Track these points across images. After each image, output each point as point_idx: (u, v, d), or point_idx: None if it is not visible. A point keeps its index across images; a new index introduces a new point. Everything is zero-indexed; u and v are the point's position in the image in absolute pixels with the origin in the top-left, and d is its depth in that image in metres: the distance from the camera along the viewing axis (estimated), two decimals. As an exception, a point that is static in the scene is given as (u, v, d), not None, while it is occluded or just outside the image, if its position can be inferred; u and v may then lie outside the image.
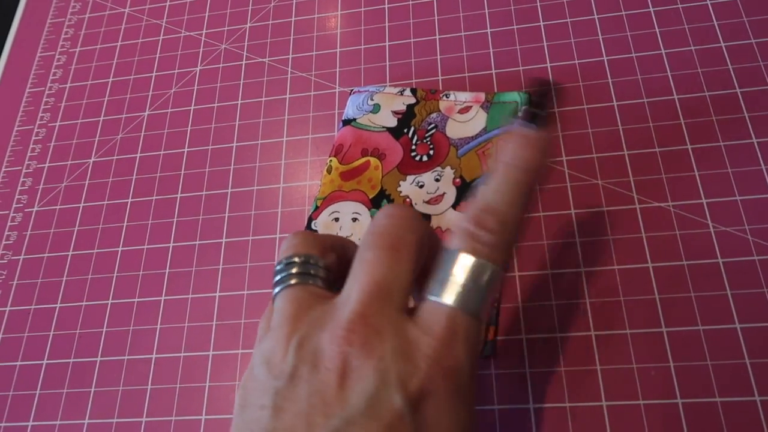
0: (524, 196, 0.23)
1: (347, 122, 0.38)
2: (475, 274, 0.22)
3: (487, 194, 0.23)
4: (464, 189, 0.34)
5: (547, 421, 0.31)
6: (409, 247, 0.23)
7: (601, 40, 0.40)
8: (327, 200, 0.36)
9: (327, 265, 0.25)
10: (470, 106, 0.36)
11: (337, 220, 0.35)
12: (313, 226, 0.35)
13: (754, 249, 0.32)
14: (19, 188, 0.44)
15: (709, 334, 0.31)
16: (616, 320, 0.32)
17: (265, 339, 0.23)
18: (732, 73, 0.37)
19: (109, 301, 0.38)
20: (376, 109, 0.38)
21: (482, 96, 0.36)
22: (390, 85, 0.41)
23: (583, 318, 0.32)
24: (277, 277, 0.24)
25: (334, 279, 0.25)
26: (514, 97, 0.35)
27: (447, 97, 0.37)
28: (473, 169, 0.34)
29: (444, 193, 0.34)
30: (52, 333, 0.38)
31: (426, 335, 0.21)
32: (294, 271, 0.24)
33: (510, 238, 0.23)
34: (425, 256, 0.23)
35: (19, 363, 0.38)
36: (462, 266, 0.22)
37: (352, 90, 0.40)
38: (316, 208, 0.36)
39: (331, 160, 0.37)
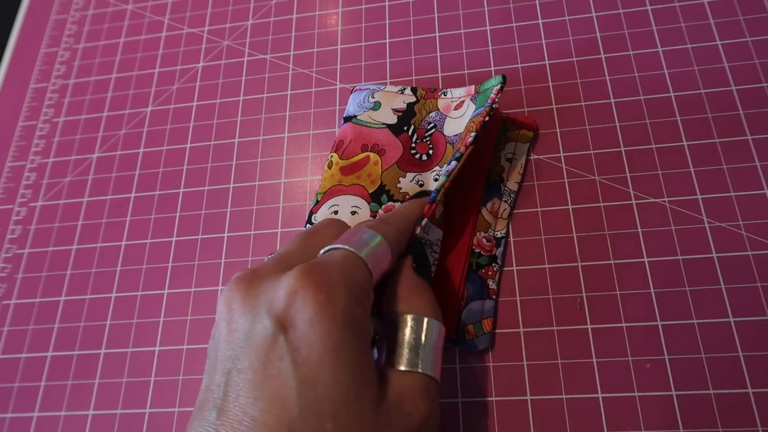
0: (403, 217, 0.30)
1: (348, 119, 0.38)
2: (370, 237, 0.26)
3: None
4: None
5: (543, 413, 0.31)
6: (320, 234, 0.28)
7: (598, 37, 0.40)
8: (327, 194, 0.36)
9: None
10: (463, 101, 0.37)
11: (336, 213, 0.35)
12: (313, 220, 0.36)
13: (748, 244, 0.33)
14: (23, 183, 0.44)
15: (703, 327, 0.32)
16: (612, 314, 0.33)
17: None
18: (728, 70, 0.37)
19: (113, 295, 0.39)
20: (376, 106, 0.38)
21: (473, 88, 0.37)
22: (391, 83, 0.41)
23: (580, 311, 0.33)
24: None
25: None
26: (493, 82, 0.35)
27: (444, 95, 0.38)
28: (449, 155, 0.35)
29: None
30: (56, 326, 0.39)
31: (296, 270, 0.23)
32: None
33: (394, 232, 0.28)
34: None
35: (24, 355, 0.38)
36: (361, 233, 0.27)
37: (353, 87, 0.40)
38: (317, 202, 0.36)
39: (331, 156, 0.37)
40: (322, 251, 0.26)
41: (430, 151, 0.36)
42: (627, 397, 0.31)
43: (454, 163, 0.32)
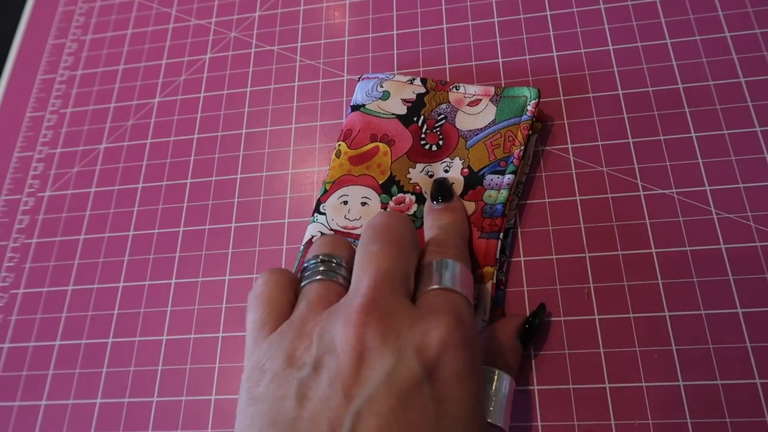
0: (458, 233, 0.31)
1: (356, 108, 0.38)
2: (452, 269, 0.27)
3: (435, 237, 0.30)
4: (472, 179, 0.34)
5: (550, 403, 0.31)
6: (409, 243, 0.27)
7: (607, 29, 0.40)
8: (336, 184, 0.36)
9: (350, 266, 0.27)
10: (480, 99, 0.36)
11: (345, 203, 0.35)
12: (321, 210, 0.36)
13: (756, 235, 0.33)
14: (31, 173, 0.45)
15: (711, 318, 0.31)
16: (620, 304, 0.33)
17: (284, 332, 0.24)
18: (736, 62, 0.37)
19: (121, 284, 0.39)
20: (385, 96, 0.38)
21: (491, 89, 0.36)
22: (399, 73, 0.41)
23: (587, 302, 0.33)
24: (307, 273, 0.27)
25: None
26: (524, 92, 0.36)
27: (456, 89, 0.37)
28: (481, 160, 0.35)
29: (452, 184, 0.34)
30: (64, 315, 0.39)
31: (434, 313, 0.23)
32: (321, 268, 0.26)
33: (463, 252, 0.29)
34: (417, 255, 0.27)
35: (32, 344, 0.39)
36: (442, 267, 0.27)
37: (361, 76, 0.40)
38: (325, 191, 0.36)
39: (339, 145, 0.37)
40: (434, 285, 0.26)
41: (440, 142, 0.36)
42: (634, 387, 0.31)
43: (510, 176, 0.34)
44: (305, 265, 0.27)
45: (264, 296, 0.26)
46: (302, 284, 0.27)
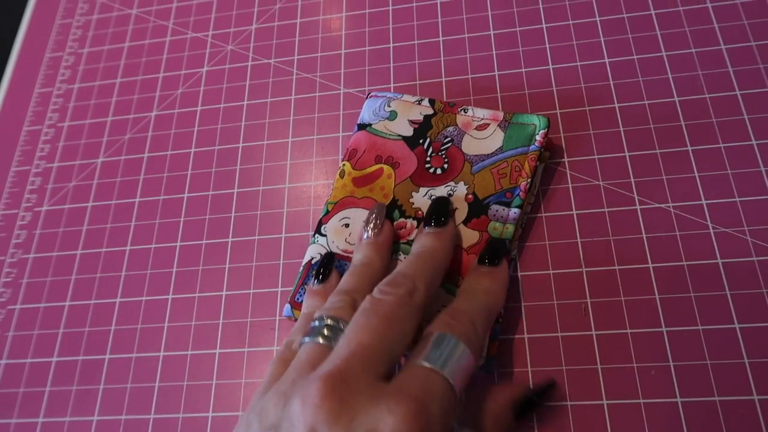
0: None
1: (362, 127, 0.38)
2: (450, 348, 0.25)
3: (459, 302, 0.28)
4: (476, 206, 0.34)
5: (548, 419, 0.31)
6: (403, 322, 0.26)
7: (602, 42, 0.40)
8: (338, 205, 0.36)
9: None
10: (488, 124, 0.36)
11: (347, 226, 0.35)
12: (323, 231, 0.35)
13: (753, 250, 0.33)
14: (28, 188, 0.45)
15: (708, 334, 0.31)
16: (617, 320, 0.33)
17: (269, 393, 0.25)
18: (732, 75, 0.37)
19: (118, 300, 0.39)
20: (392, 116, 0.38)
21: (500, 115, 0.36)
22: (395, 89, 0.41)
23: (584, 317, 0.33)
24: (309, 331, 0.27)
25: None
26: (533, 120, 0.35)
27: (465, 112, 0.37)
28: (486, 187, 0.34)
29: (456, 209, 0.34)
30: (61, 331, 0.39)
31: (395, 395, 0.22)
32: (324, 332, 0.26)
33: (476, 332, 0.27)
34: (412, 336, 0.26)
35: (29, 360, 0.38)
36: (440, 342, 0.25)
37: (368, 93, 0.40)
38: (327, 212, 0.36)
39: (344, 164, 0.37)
40: (420, 360, 0.24)
41: (446, 165, 0.35)
42: (632, 403, 0.31)
43: (516, 210, 0.33)
44: (312, 323, 0.27)
45: (279, 355, 0.28)
46: (302, 341, 0.27)
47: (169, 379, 0.36)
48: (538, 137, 0.35)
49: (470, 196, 0.34)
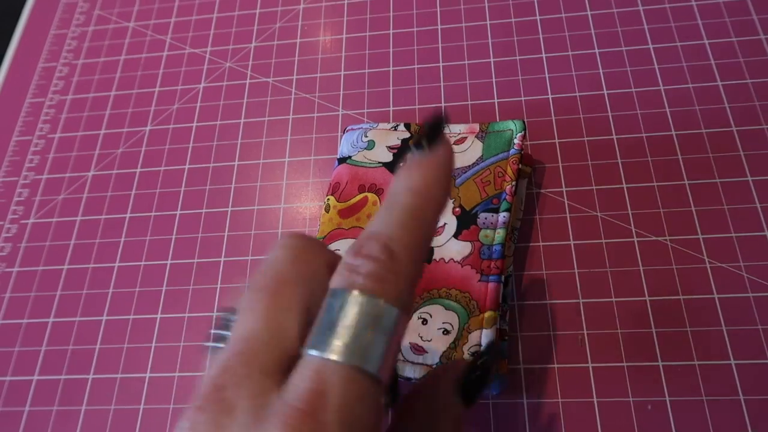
0: (417, 219, 0.19)
1: (342, 160, 0.38)
2: (360, 315, 0.17)
3: (370, 225, 0.19)
4: (464, 217, 0.34)
5: (543, 453, 0.31)
6: (292, 288, 0.18)
7: (601, 73, 0.40)
8: (327, 239, 0.36)
9: None
10: (465, 137, 0.36)
11: None
12: None
13: (749, 286, 0.33)
14: (15, 199, 0.44)
15: (704, 369, 0.31)
16: (613, 352, 0.32)
17: None
18: (728, 111, 0.38)
19: (104, 318, 0.38)
20: (370, 145, 0.38)
21: (476, 126, 0.37)
22: (394, 110, 0.41)
23: (581, 349, 0.33)
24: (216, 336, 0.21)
25: None
26: (509, 125, 0.36)
27: None
28: (472, 197, 0.35)
29: (445, 224, 0.34)
30: (43, 348, 0.38)
31: (286, 405, 0.16)
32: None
33: (404, 269, 0.18)
34: (319, 297, 0.18)
35: (8, 378, 0.37)
36: (343, 307, 0.17)
37: (345, 129, 0.40)
38: None
39: (328, 199, 0.37)
40: (304, 353, 0.17)
41: None
42: (628, 438, 0.30)
43: (505, 214, 0.33)
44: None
45: None
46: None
47: (154, 401, 0.35)
48: (516, 140, 0.35)
49: (457, 209, 0.34)
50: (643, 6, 0.42)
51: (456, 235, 0.34)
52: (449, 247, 0.33)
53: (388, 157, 0.37)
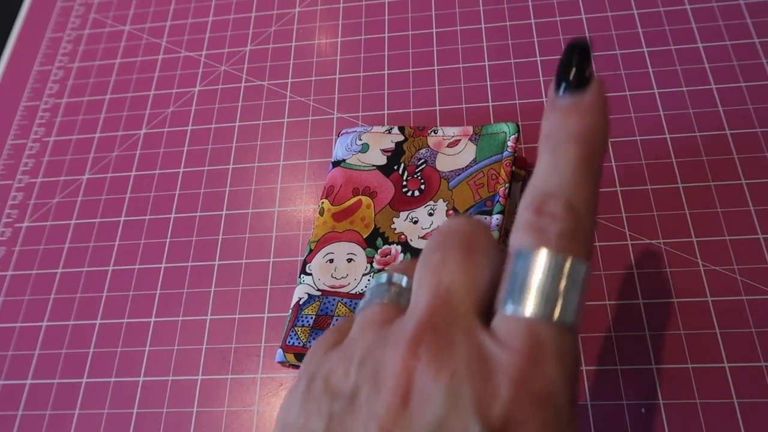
0: (589, 171, 0.19)
1: (336, 163, 0.38)
2: (553, 273, 0.17)
3: (541, 179, 0.19)
4: None
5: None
6: (486, 249, 0.19)
7: (596, 77, 0.40)
8: (321, 242, 0.36)
9: None
10: (459, 140, 0.37)
11: (331, 261, 0.35)
12: (307, 270, 0.35)
13: (742, 289, 0.33)
14: (9, 202, 0.43)
15: (698, 372, 0.31)
16: (607, 356, 0.32)
17: (329, 355, 0.20)
18: (722, 114, 0.38)
19: (98, 321, 0.38)
20: (364, 148, 0.38)
21: (470, 129, 0.37)
22: (389, 114, 0.41)
23: (575, 353, 0.33)
24: (369, 295, 0.22)
25: None
26: (503, 128, 0.36)
27: (435, 133, 0.38)
28: (465, 200, 0.35)
29: (438, 226, 0.34)
30: (37, 352, 0.38)
31: (507, 351, 0.17)
32: (387, 290, 0.21)
33: (585, 224, 0.18)
34: (500, 269, 0.19)
35: (1, 382, 0.37)
36: (535, 266, 0.17)
37: (340, 132, 0.40)
38: (310, 251, 0.36)
39: (323, 202, 0.37)
40: (501, 313, 0.18)
41: (422, 186, 0.36)
42: (621, 442, 0.30)
43: (499, 216, 0.33)
44: (368, 286, 0.23)
45: (339, 324, 0.23)
46: (360, 306, 0.22)
47: (148, 405, 0.35)
48: (509, 143, 0.35)
49: (451, 212, 0.35)
50: (637, 9, 0.43)
51: None
52: None
53: (383, 160, 0.37)
